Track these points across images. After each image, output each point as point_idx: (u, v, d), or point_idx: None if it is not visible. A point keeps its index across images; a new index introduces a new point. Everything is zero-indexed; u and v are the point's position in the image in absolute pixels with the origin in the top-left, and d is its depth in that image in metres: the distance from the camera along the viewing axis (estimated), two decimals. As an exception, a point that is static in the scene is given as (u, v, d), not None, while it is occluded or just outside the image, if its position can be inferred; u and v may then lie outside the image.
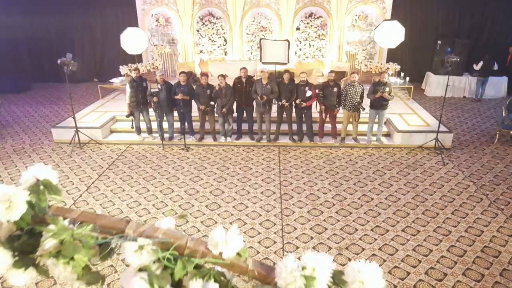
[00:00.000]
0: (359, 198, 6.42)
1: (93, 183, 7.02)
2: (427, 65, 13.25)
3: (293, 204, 6.24)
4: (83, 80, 14.88)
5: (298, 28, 12.36)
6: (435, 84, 12.33)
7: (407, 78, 10.96)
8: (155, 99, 8.02)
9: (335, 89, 7.99)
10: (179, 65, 11.29)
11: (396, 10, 12.33)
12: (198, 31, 12.57)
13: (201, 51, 12.75)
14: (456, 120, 10.34)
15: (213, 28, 12.43)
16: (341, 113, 8.38)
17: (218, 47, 12.69)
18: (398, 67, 11.52)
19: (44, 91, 13.92)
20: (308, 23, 12.20)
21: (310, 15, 12.19)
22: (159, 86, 8.00)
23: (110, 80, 11.39)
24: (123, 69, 11.74)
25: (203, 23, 12.43)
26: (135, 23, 12.64)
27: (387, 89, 7.81)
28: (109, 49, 14.36)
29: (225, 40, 12.71)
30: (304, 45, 12.45)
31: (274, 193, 6.60)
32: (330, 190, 6.67)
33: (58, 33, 14.43)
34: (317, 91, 8.09)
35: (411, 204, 6.20)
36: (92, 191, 6.73)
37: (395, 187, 6.75)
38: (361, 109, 7.91)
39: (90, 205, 6.26)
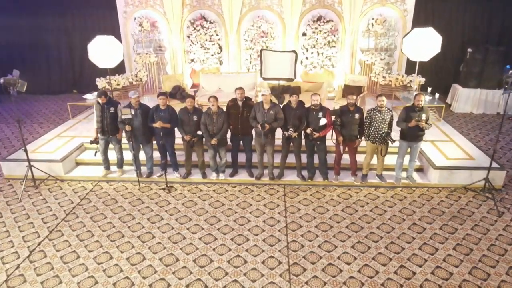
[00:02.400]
0: (396, 272, 4.69)
1: (40, 243, 5.29)
2: (453, 76, 11.52)
3: (306, 283, 4.52)
4: (61, 91, 13.17)
5: (304, 34, 10.63)
6: (464, 98, 10.60)
7: (437, 95, 9.22)
8: (127, 127, 6.29)
9: (357, 116, 6.26)
10: (164, 79, 9.55)
11: (417, 13, 10.62)
12: (188, 37, 10.85)
13: (192, 60, 11.03)
14: (498, 146, 8.60)
15: (206, 34, 10.71)
16: (363, 145, 6.64)
17: (212, 55, 10.96)
18: (422, 80, 9.79)
19: (9, 106, 12.17)
20: (316, 28, 10.47)
21: (319, 19, 10.46)
22: (133, 112, 6.27)
23: (84, 96, 9.66)
24: (100, 83, 10.04)
25: (195, 28, 10.70)
26: (118, 28, 10.94)
27: (423, 116, 6.08)
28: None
29: (220, 48, 10.99)
30: (312, 53, 10.72)
31: (281, 263, 4.87)
32: (355, 259, 4.94)
33: (30, 37, 12.68)
34: (333, 118, 6.37)
35: (470, 285, 4.48)
36: (35, 258, 4.99)
37: (441, 254, 5.01)
38: (390, 142, 6.18)
39: (29, 284, 4.54)
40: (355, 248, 5.14)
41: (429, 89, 9.36)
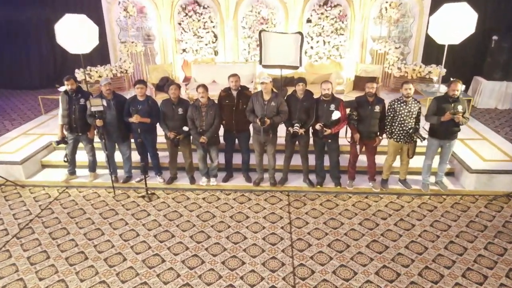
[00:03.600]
0: (437, 311, 3.55)
1: (-20, 269, 4.17)
2: (474, 68, 10.36)
3: (320, 328, 3.39)
4: (42, 86, 11.99)
5: (309, 20, 9.50)
6: (488, 92, 9.45)
7: (462, 87, 8.04)
8: (98, 122, 5.16)
9: (377, 108, 5.12)
10: (151, 69, 8.41)
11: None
12: (180, 24, 9.71)
13: (184, 50, 9.90)
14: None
15: (199, 21, 9.58)
16: (383, 145, 5.49)
17: (206, 44, 9.83)
18: (443, 71, 8.64)
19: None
20: (322, 14, 9.33)
21: (325, 3, 9.33)
22: (104, 103, 5.13)
23: (59, 89, 8.51)
24: (79, 74, 8.92)
25: (186, 14, 9.57)
26: (103, 16, 9.81)
27: (460, 107, 4.95)
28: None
29: (215, 36, 9.86)
30: (317, 42, 9.58)
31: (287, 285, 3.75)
32: (382, 291, 3.81)
33: (7, 28, 11.56)
34: (348, 111, 5.24)
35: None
36: (-32, 291, 3.87)
37: (493, 284, 3.88)
38: (419, 140, 5.04)
39: None
40: (380, 275, 4.01)
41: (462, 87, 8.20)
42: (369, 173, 5.61)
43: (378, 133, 5.28)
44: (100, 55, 10.71)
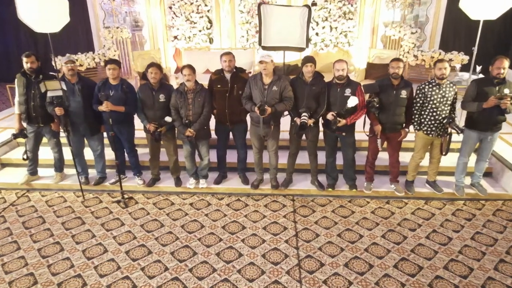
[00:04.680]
0: None
1: None
2: (498, 52, 9.34)
3: None
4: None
5: (314, 4, 8.52)
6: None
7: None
8: (57, 110, 4.19)
9: (404, 93, 4.15)
10: (135, 55, 7.45)
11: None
12: (170, 8, 8.76)
13: (175, 38, 8.94)
14: None
15: (192, 4, 8.62)
16: (409, 139, 4.51)
17: (200, 31, 8.88)
18: (465, 58, 7.68)
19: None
20: (329, -4, 8.39)
21: (332, -16, 8.38)
22: (64, 86, 4.14)
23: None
24: (58, 62, 7.94)
25: (178, -3, 8.63)
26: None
27: (506, 90, 3.98)
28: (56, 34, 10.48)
29: (210, 22, 8.90)
30: (323, 27, 8.62)
31: None
32: (423, 331, 2.84)
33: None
34: (367, 97, 4.28)
35: None
36: None
37: None
38: (456, 132, 4.06)
39: None
40: (416, 307, 3.04)
41: (479, 68, 7.24)
42: (391, 174, 4.64)
43: (404, 124, 4.31)
44: (86, 41, 9.77)
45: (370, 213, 4.36)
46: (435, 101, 4.10)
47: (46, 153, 5.07)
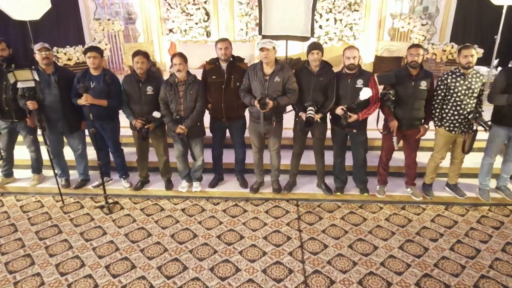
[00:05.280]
0: None
1: None
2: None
3: None
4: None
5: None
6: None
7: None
8: (30, 104, 3.69)
9: (424, 85, 3.66)
10: (126, 48, 6.96)
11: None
12: (165, -1, 8.27)
13: (171, 31, 8.45)
14: None
15: (188, -5, 8.14)
16: (428, 137, 4.01)
17: (197, 24, 8.39)
18: (480, 52, 7.18)
19: None
20: (333, -14, 7.90)
21: (337, -27, 7.89)
22: (35, 76, 3.63)
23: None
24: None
25: (173, -13, 8.14)
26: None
27: (542, 82, 3.49)
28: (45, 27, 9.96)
29: (207, 14, 8.40)
30: (327, 20, 8.13)
31: None
32: None
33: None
34: (381, 88, 3.78)
35: None
36: None
37: None
38: (484, 128, 3.57)
39: None
40: (446, 336, 2.54)
41: (495, 62, 6.75)
42: (408, 176, 4.14)
43: (423, 120, 3.81)
44: (78, 34, 9.27)
45: (384, 220, 3.86)
46: (459, 94, 3.61)
47: (22, 152, 4.58)
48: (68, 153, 4.41)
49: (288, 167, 4.34)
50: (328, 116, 3.90)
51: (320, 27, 8.21)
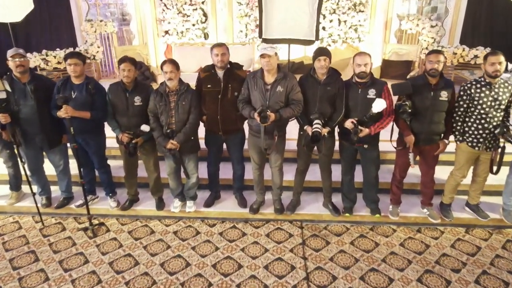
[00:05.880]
0: None
1: None
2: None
3: None
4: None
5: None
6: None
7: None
8: (2, 118, 3.30)
9: (444, 95, 3.26)
10: (118, 51, 6.55)
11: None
12: (161, -1, 7.87)
13: (167, 32, 8.04)
14: None
15: (184, -6, 7.74)
16: (448, 151, 3.60)
17: (194, 25, 7.97)
18: (493, 55, 6.78)
19: None
20: (337, -15, 7.50)
21: (341, -28, 7.49)
22: (7, 86, 3.22)
23: None
24: (33, 59, 7.09)
25: (169, -14, 7.73)
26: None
27: None
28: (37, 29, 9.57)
29: (205, 15, 8.00)
30: (331, 21, 7.73)
31: None
32: None
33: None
34: (395, 99, 3.39)
35: None
36: None
37: None
38: (510, 144, 3.17)
39: None
40: None
41: (510, 65, 6.36)
42: (424, 195, 3.74)
43: (442, 134, 3.42)
44: (70, 37, 8.88)
45: (398, 245, 3.46)
46: (484, 105, 3.21)
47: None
48: (50, 168, 4.01)
49: (291, 183, 3.94)
50: (336, 129, 3.51)
51: (324, 28, 7.80)
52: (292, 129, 3.64)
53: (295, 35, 4.53)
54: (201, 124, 3.68)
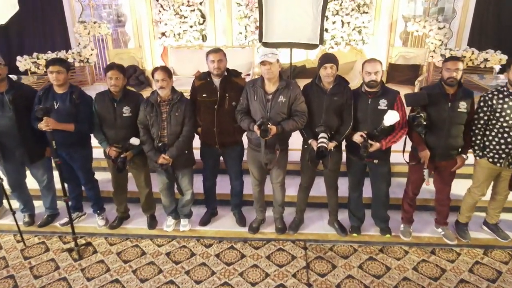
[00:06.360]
0: None
1: None
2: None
3: None
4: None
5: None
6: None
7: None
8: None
9: (463, 106, 2.96)
10: (111, 54, 6.25)
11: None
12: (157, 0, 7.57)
13: (163, 34, 7.74)
14: None
15: (181, -5, 7.44)
16: (466, 165, 3.30)
17: (191, 27, 7.67)
18: (504, 58, 6.50)
19: None
20: (340, -15, 7.20)
21: (345, -29, 7.20)
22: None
23: None
24: (23, 63, 6.81)
25: (165, -13, 7.44)
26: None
27: None
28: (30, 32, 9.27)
29: (203, 16, 7.70)
30: (334, 23, 7.43)
31: None
32: None
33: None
34: (408, 111, 3.10)
35: None
36: None
37: None
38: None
39: None
40: None
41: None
42: (439, 214, 3.44)
43: (461, 149, 3.12)
44: (64, 39, 8.58)
45: (411, 270, 3.17)
46: (507, 118, 2.91)
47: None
48: (34, 181, 3.71)
49: (293, 199, 3.65)
50: (344, 143, 3.21)
51: (326, 30, 7.50)
52: (295, 139, 3.33)
53: (297, 39, 4.23)
54: (196, 136, 3.39)
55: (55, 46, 7.91)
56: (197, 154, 3.49)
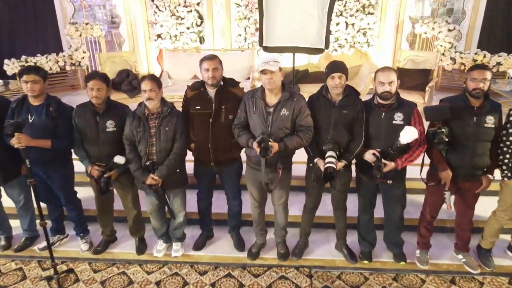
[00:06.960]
0: None
1: None
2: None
3: None
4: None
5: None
6: None
7: None
8: None
9: (490, 121, 2.62)
10: (102, 58, 5.89)
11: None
12: (153, 0, 7.23)
13: (159, 36, 7.41)
14: None
15: (178, -5, 7.11)
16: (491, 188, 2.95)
17: (188, 28, 7.33)
18: (516, 62, 6.17)
19: None
20: (345, -15, 6.87)
21: (349, -30, 6.86)
22: None
23: None
24: (10, 66, 6.48)
25: (161, -14, 7.11)
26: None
27: None
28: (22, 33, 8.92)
29: (200, 17, 7.36)
30: (338, 24, 7.09)
31: None
32: None
33: None
34: (426, 125, 2.75)
35: None
36: None
37: None
38: None
39: None
40: None
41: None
42: (459, 239, 3.09)
43: (487, 169, 2.76)
44: (56, 41, 8.25)
45: (430, 304, 2.82)
46: (539, 134, 2.57)
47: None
48: (9, 200, 3.37)
49: (297, 219, 3.31)
50: (353, 162, 2.87)
51: (330, 32, 7.16)
52: (299, 151, 2.96)
53: (301, 43, 3.89)
54: (189, 152, 3.04)
55: (47, 48, 7.59)
56: (190, 169, 3.15)
